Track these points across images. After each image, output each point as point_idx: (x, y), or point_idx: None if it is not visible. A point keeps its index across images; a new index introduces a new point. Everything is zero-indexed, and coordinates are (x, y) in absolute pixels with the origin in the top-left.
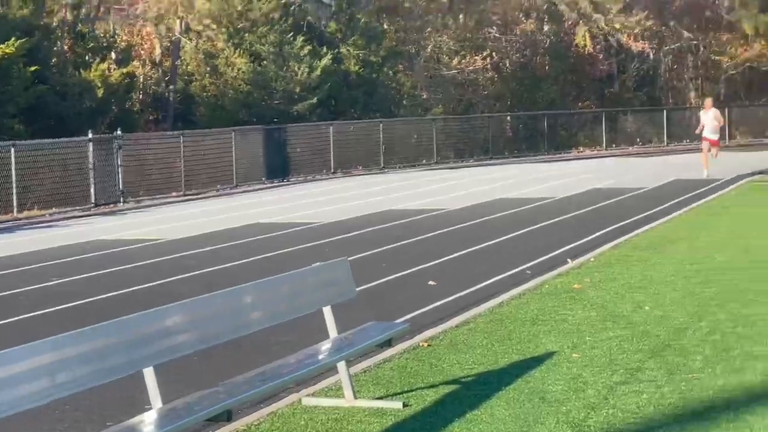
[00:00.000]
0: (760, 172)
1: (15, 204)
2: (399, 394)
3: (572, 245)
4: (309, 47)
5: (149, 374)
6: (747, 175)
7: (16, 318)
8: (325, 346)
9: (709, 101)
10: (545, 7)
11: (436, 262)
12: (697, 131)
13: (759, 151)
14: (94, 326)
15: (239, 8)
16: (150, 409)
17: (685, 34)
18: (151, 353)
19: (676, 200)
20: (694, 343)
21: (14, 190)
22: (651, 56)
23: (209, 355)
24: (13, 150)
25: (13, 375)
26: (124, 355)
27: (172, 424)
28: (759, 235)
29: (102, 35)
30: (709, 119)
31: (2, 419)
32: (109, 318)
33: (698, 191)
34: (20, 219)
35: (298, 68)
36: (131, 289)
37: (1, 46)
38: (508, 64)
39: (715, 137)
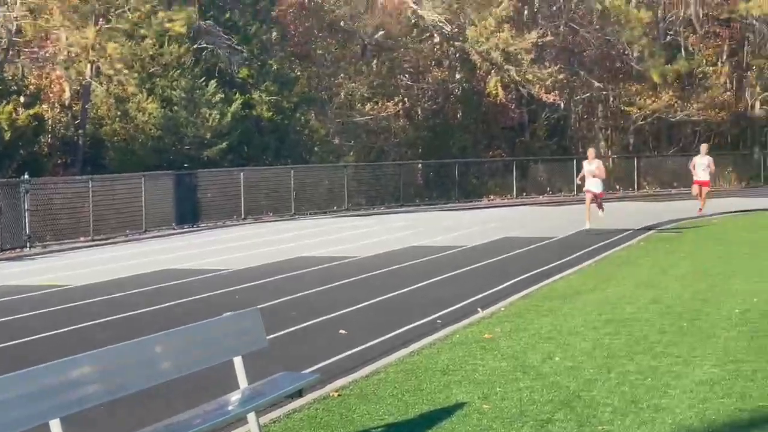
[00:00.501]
0: (668, 223)
1: None
2: None
3: (483, 294)
4: (221, 93)
5: (56, 426)
6: (655, 226)
7: None
8: (235, 396)
9: (591, 151)
10: (457, 55)
11: (347, 310)
12: (578, 180)
13: (667, 201)
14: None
15: (151, 53)
16: None
17: (596, 84)
18: (57, 405)
19: (585, 250)
20: (603, 395)
21: None
22: (562, 106)
23: (117, 405)
24: None
25: None
26: (30, 406)
27: None
28: (667, 286)
29: (10, 78)
30: (590, 171)
31: None
32: (13, 368)
33: (607, 241)
34: None
35: (210, 114)
36: (36, 336)
37: None
38: (419, 112)
39: (598, 190)
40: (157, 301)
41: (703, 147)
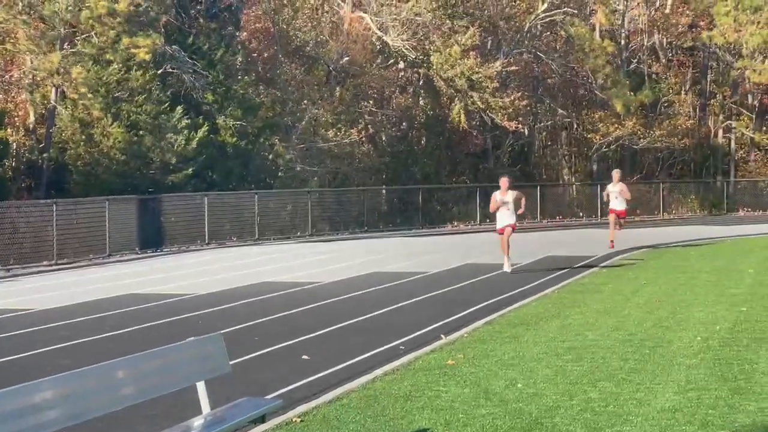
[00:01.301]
0: (631, 250)
1: None
2: None
3: (446, 320)
4: (187, 119)
5: None
6: (618, 253)
7: None
8: (198, 421)
9: (616, 173)
10: (421, 82)
11: (310, 336)
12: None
13: (631, 228)
14: None
15: (116, 78)
16: None
17: (559, 111)
18: (19, 430)
19: (548, 277)
20: (566, 422)
21: None
22: (526, 133)
23: (77, 429)
24: None
25: None
26: None
27: None
28: (629, 313)
29: None
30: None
31: None
32: None
33: (570, 268)
34: None
35: (175, 139)
36: (12, 357)
37: None
38: (384, 138)
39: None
40: (120, 326)
41: (615, 174)
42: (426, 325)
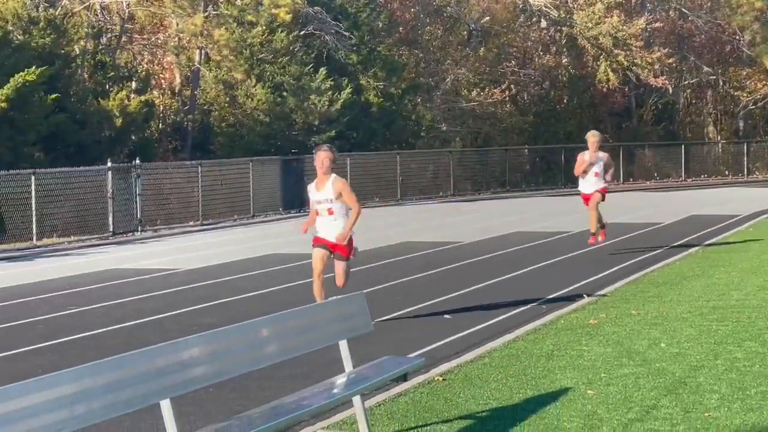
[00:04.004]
0: None
1: (34, 231)
2: (413, 428)
3: (588, 280)
4: (330, 80)
5: (166, 406)
6: (765, 212)
7: (33, 347)
8: (341, 379)
9: (594, 137)
10: (564, 41)
11: (452, 295)
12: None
13: None
14: (113, 358)
15: (260, 40)
16: None
17: (705, 68)
18: (168, 385)
19: (693, 236)
20: (710, 381)
21: (34, 218)
22: (670, 90)
23: (222, 386)
24: (33, 178)
25: (32, 406)
26: (142, 387)
27: None
28: None
29: (122, 64)
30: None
31: None
32: (126, 349)
33: (715, 227)
34: (39, 247)
35: (318, 100)
36: (148, 319)
37: (22, 73)
38: (526, 97)
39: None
40: (263, 285)
41: (592, 138)
42: (568, 284)
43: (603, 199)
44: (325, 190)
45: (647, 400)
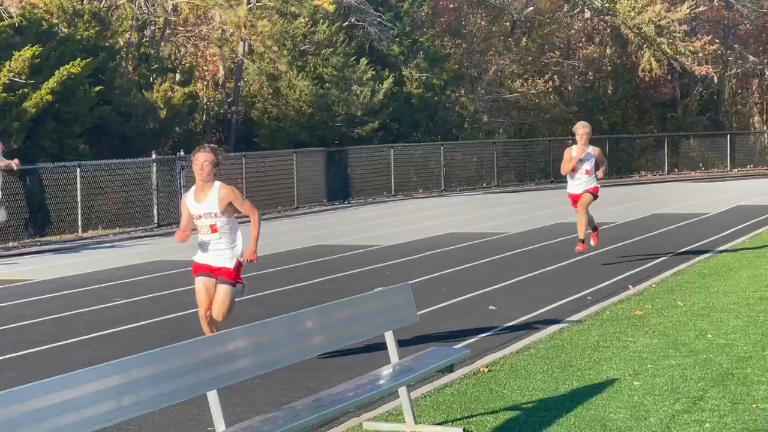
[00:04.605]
0: None
1: (80, 224)
2: (459, 419)
3: (634, 271)
4: (372, 70)
5: (213, 397)
6: None
7: (79, 338)
8: (386, 371)
9: (582, 128)
10: (608, 30)
11: (497, 286)
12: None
13: None
14: (161, 349)
15: (302, 31)
16: None
17: (750, 58)
18: (214, 377)
19: (739, 227)
20: (757, 373)
21: (79, 210)
22: (715, 80)
23: (268, 377)
24: (78, 170)
25: (81, 397)
26: (189, 378)
27: None
28: None
29: (166, 56)
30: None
31: None
32: (172, 340)
33: (762, 218)
34: (85, 238)
35: (361, 91)
36: (194, 310)
37: (67, 66)
38: (570, 88)
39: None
40: (308, 277)
41: (581, 130)
42: (613, 275)
43: (595, 199)
44: (208, 202)
45: (694, 391)
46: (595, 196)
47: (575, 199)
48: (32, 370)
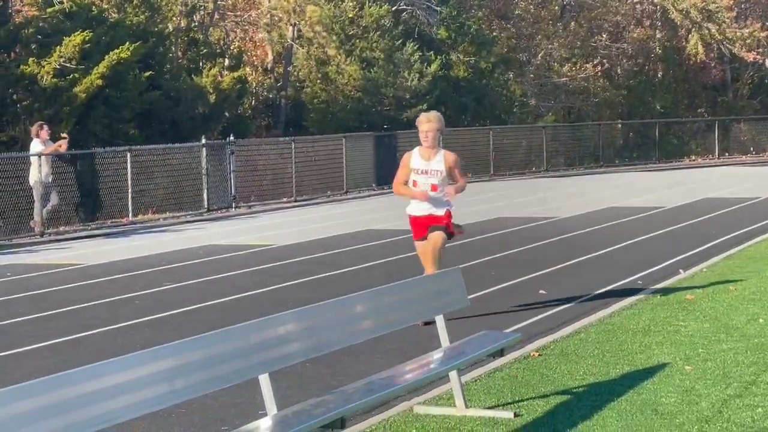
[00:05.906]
0: None
1: (130, 208)
2: (510, 403)
3: (684, 255)
4: (419, 54)
5: (264, 381)
6: None
7: (130, 322)
8: (437, 355)
9: (426, 124)
10: (658, 14)
11: (547, 270)
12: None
13: None
14: (212, 332)
15: (351, 15)
16: (264, 415)
17: None
18: (266, 360)
19: None
20: None
21: (130, 195)
22: (766, 65)
23: (318, 361)
24: (129, 155)
25: (133, 380)
26: (241, 361)
27: (288, 430)
28: None
29: (215, 41)
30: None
31: (122, 423)
32: (222, 324)
33: None
34: (135, 223)
35: (408, 75)
36: (244, 294)
37: (117, 50)
38: (619, 72)
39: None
40: (360, 261)
41: (426, 123)
42: (664, 259)
43: (450, 238)
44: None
45: (746, 376)
46: (449, 227)
47: (417, 227)
48: (84, 354)
